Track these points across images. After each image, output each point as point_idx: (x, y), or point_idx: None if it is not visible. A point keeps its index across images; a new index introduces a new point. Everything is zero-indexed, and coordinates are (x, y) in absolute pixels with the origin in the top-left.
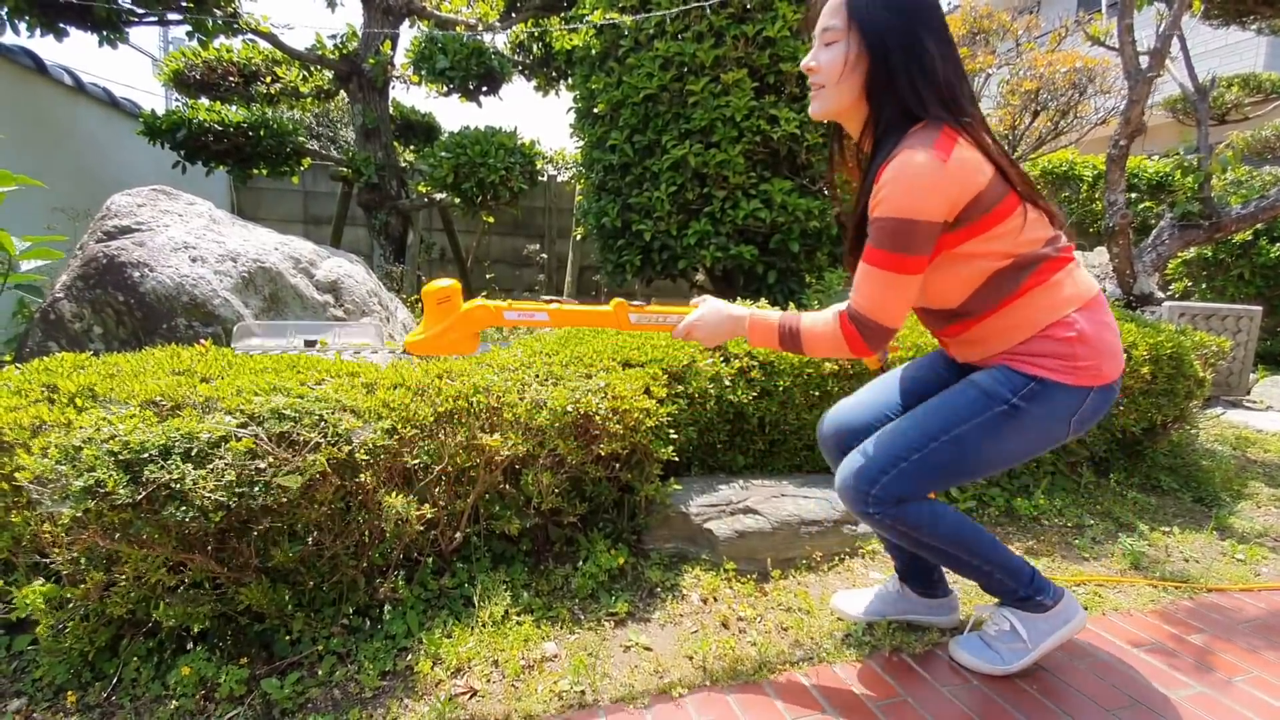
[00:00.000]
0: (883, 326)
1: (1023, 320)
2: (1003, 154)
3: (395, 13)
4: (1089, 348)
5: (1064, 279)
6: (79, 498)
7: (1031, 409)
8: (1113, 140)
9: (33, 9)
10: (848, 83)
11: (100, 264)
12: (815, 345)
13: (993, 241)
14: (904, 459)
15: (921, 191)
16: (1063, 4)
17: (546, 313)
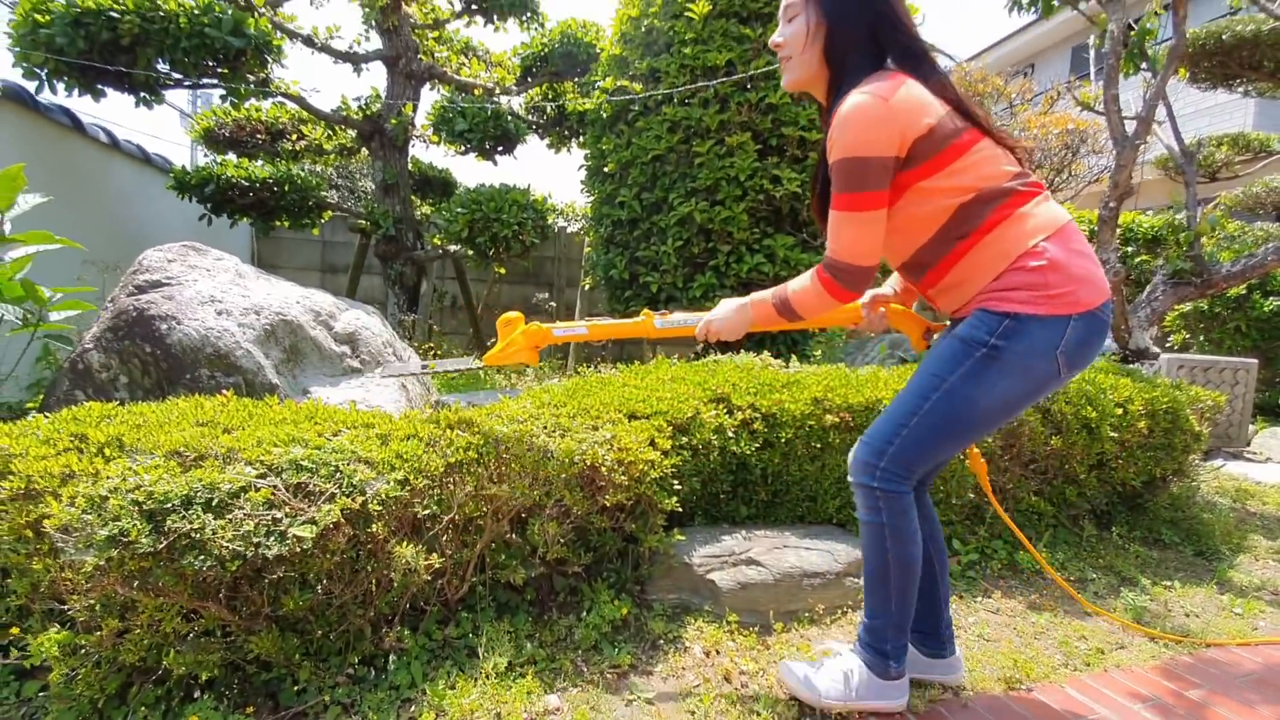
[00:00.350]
0: (856, 266)
1: (994, 254)
2: (966, 97)
3: (418, 77)
4: (1061, 274)
5: (1031, 210)
6: (103, 546)
7: (1012, 346)
8: (1103, 202)
9: (72, 71)
10: (811, 50)
11: (130, 316)
12: (804, 305)
13: (955, 176)
14: (904, 424)
15: (866, 128)
16: (1056, 67)
17: (586, 327)
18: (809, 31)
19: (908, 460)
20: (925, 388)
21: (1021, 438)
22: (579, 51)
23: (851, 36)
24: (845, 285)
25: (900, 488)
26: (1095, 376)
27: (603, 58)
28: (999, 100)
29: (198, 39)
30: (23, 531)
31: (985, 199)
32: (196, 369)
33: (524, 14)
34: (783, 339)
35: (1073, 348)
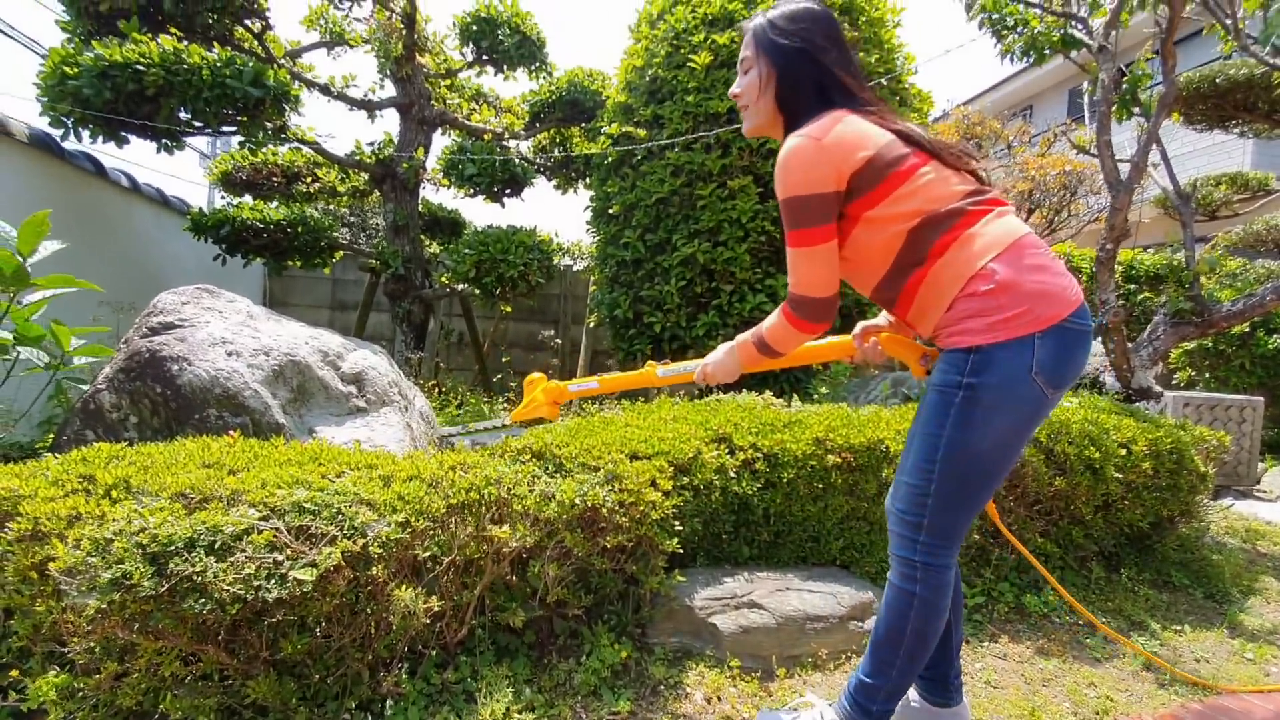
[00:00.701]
0: (813, 299)
1: (947, 279)
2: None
3: (430, 123)
4: (1012, 294)
5: (979, 230)
6: (105, 589)
7: (986, 381)
8: (1100, 244)
9: (97, 120)
10: (764, 98)
11: (143, 358)
12: (777, 340)
13: (900, 202)
14: (925, 494)
15: (801, 168)
16: (1053, 109)
17: (597, 382)
18: (761, 82)
19: (944, 529)
20: (928, 450)
21: (1025, 478)
22: (585, 99)
23: (798, 84)
24: (808, 317)
25: (943, 560)
26: (1098, 417)
27: (608, 104)
28: (997, 142)
29: (219, 89)
30: (28, 573)
31: (933, 223)
32: (205, 409)
33: (533, 64)
34: (785, 378)
35: (1048, 366)
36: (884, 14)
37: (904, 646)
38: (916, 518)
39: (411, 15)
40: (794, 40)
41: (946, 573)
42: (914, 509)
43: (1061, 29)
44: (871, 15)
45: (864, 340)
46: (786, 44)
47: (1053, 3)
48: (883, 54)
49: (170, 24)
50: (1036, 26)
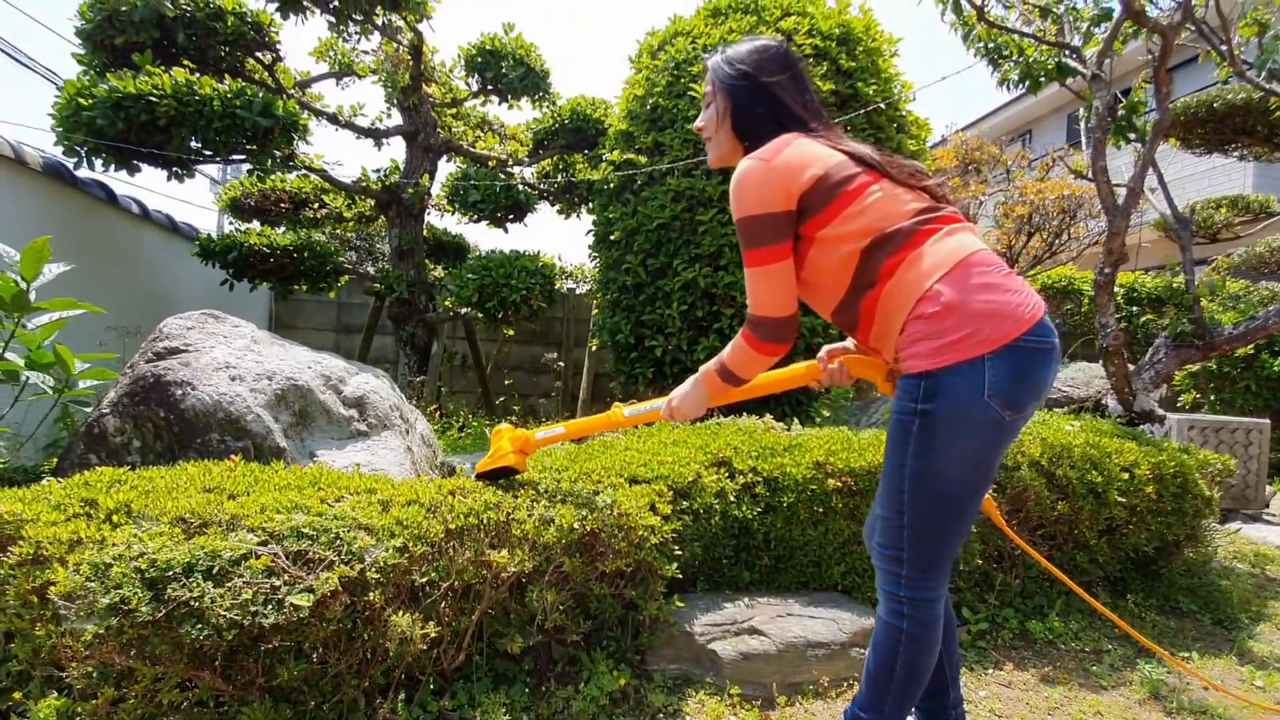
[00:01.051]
0: (772, 318)
1: (897, 302)
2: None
3: (435, 150)
4: (957, 316)
5: (927, 249)
6: (103, 615)
7: (939, 406)
8: (1098, 268)
9: (109, 150)
10: (724, 129)
11: (147, 382)
12: (738, 365)
13: (849, 221)
14: (901, 525)
15: (751, 189)
16: (1052, 133)
17: (564, 427)
18: (719, 114)
19: (925, 561)
20: (895, 481)
21: (1027, 502)
22: (588, 126)
23: (752, 114)
24: (765, 338)
25: (929, 593)
26: (1100, 440)
27: (610, 132)
28: (996, 167)
29: (229, 119)
30: (29, 597)
31: (882, 243)
32: (208, 433)
33: (536, 94)
34: (786, 401)
35: (1002, 388)
36: (880, 44)
37: (895, 682)
38: (896, 551)
39: (418, 47)
40: (747, 74)
41: (935, 606)
42: (892, 542)
43: (1056, 58)
44: (869, 45)
45: (829, 362)
46: (739, 78)
47: (1047, 33)
48: (880, 83)
49: (184, 56)
50: (1031, 55)
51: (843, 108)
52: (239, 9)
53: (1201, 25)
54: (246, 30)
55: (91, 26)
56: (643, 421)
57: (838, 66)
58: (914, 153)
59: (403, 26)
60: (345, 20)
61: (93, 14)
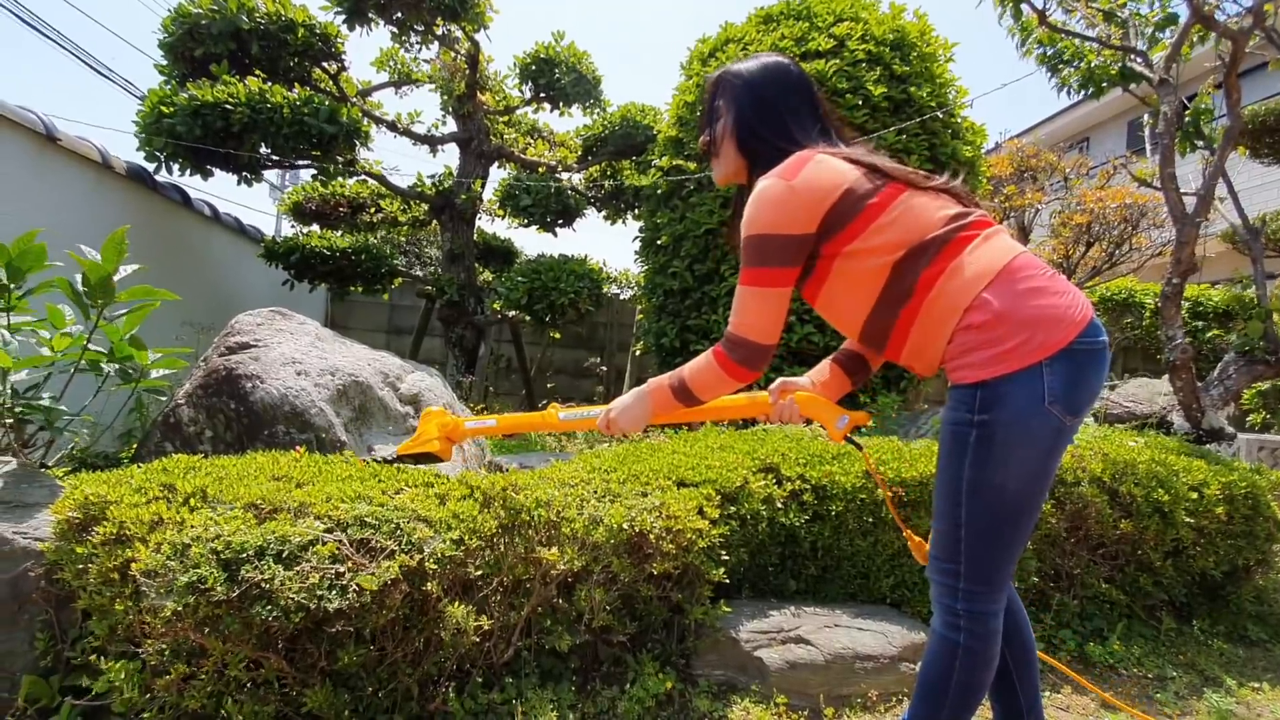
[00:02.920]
0: (754, 343)
1: (940, 313)
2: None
3: (487, 156)
4: (1009, 324)
5: (966, 259)
6: (181, 593)
7: (997, 416)
8: (1165, 279)
9: (187, 155)
10: (728, 146)
11: (220, 375)
12: (700, 385)
13: (880, 234)
14: (958, 538)
15: (770, 208)
16: (1112, 140)
17: (495, 420)
18: (724, 130)
19: (984, 574)
20: (952, 493)
21: (1088, 519)
22: (637, 133)
23: (756, 130)
24: (741, 362)
25: (988, 605)
26: (1167, 458)
27: (659, 138)
28: (1053, 175)
29: (298, 126)
30: (110, 575)
31: (917, 253)
32: (274, 425)
33: (588, 101)
34: None
35: (1061, 394)
36: (935, 49)
37: (950, 697)
38: (953, 564)
39: (475, 56)
40: (755, 89)
41: (993, 620)
42: (949, 555)
43: (1119, 62)
44: (923, 50)
45: (780, 397)
46: (746, 93)
47: (1110, 37)
48: (934, 88)
49: (256, 67)
50: (1093, 60)
51: (896, 113)
52: (309, 21)
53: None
54: (315, 41)
55: (173, 39)
56: (575, 427)
57: (891, 72)
58: (969, 159)
59: (460, 36)
60: (407, 31)
61: (175, 27)
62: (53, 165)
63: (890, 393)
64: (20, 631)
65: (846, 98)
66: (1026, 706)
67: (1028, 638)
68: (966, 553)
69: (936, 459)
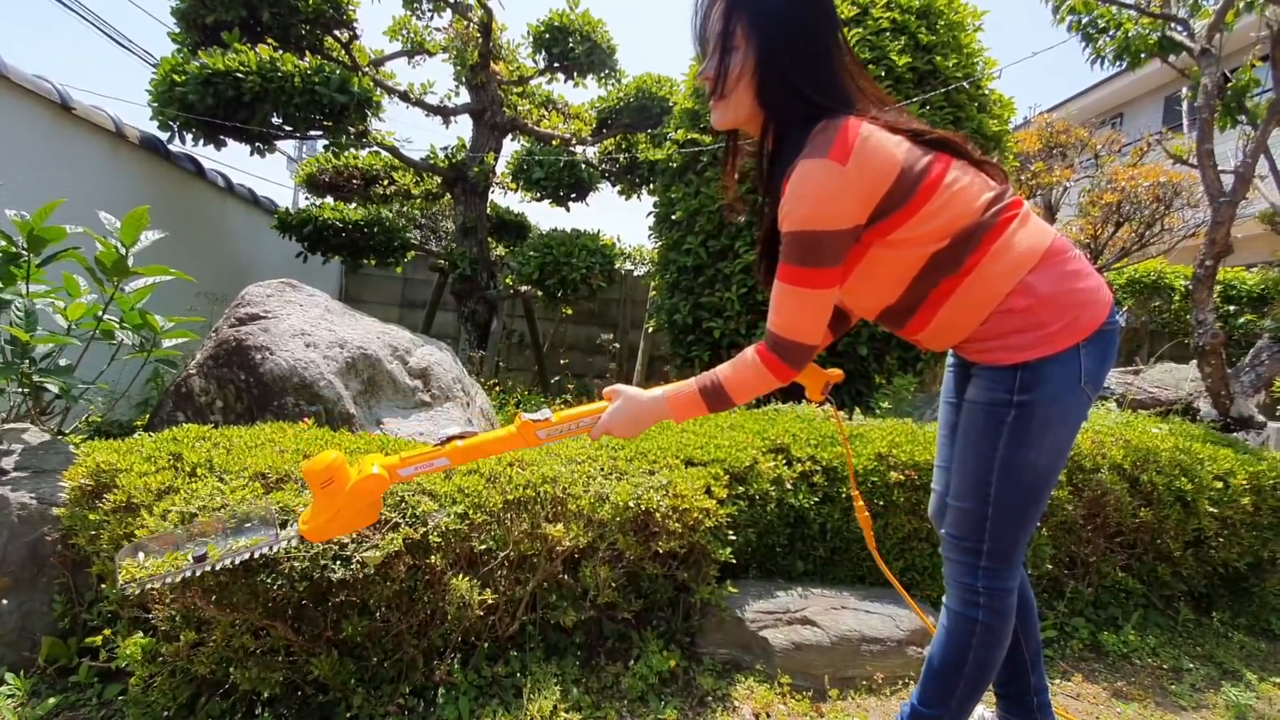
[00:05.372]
0: (802, 345)
1: (978, 298)
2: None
3: (501, 128)
4: (1054, 307)
5: (1007, 244)
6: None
7: (1038, 396)
8: (1198, 260)
9: (199, 124)
10: (744, 91)
11: (230, 346)
12: (741, 389)
13: (927, 221)
14: (984, 516)
15: (824, 201)
16: (1147, 116)
17: (446, 456)
18: (739, 70)
19: (1006, 550)
20: (981, 470)
21: (1106, 507)
22: (653, 105)
23: (792, 79)
24: (789, 363)
25: (1007, 583)
26: (1191, 446)
27: (675, 111)
28: (1084, 151)
29: (309, 95)
30: (121, 541)
31: (960, 241)
32: (284, 397)
33: (602, 71)
34: (847, 390)
35: (1092, 373)
36: (964, 17)
37: (964, 676)
38: (976, 542)
39: (488, 24)
40: (787, 18)
41: (1011, 596)
42: (973, 533)
43: (1159, 31)
44: (950, 19)
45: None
46: (774, 22)
47: (1150, 4)
48: (961, 58)
49: (267, 34)
50: (1131, 29)
51: (920, 84)
52: None
53: None
54: (326, 8)
55: (185, 6)
56: (559, 440)
57: (916, 41)
58: (996, 133)
59: (474, 4)
60: None
61: None
62: (68, 134)
63: (906, 374)
64: (40, 593)
65: (869, 68)
66: (1030, 661)
67: (1027, 593)
68: (992, 530)
69: (959, 437)
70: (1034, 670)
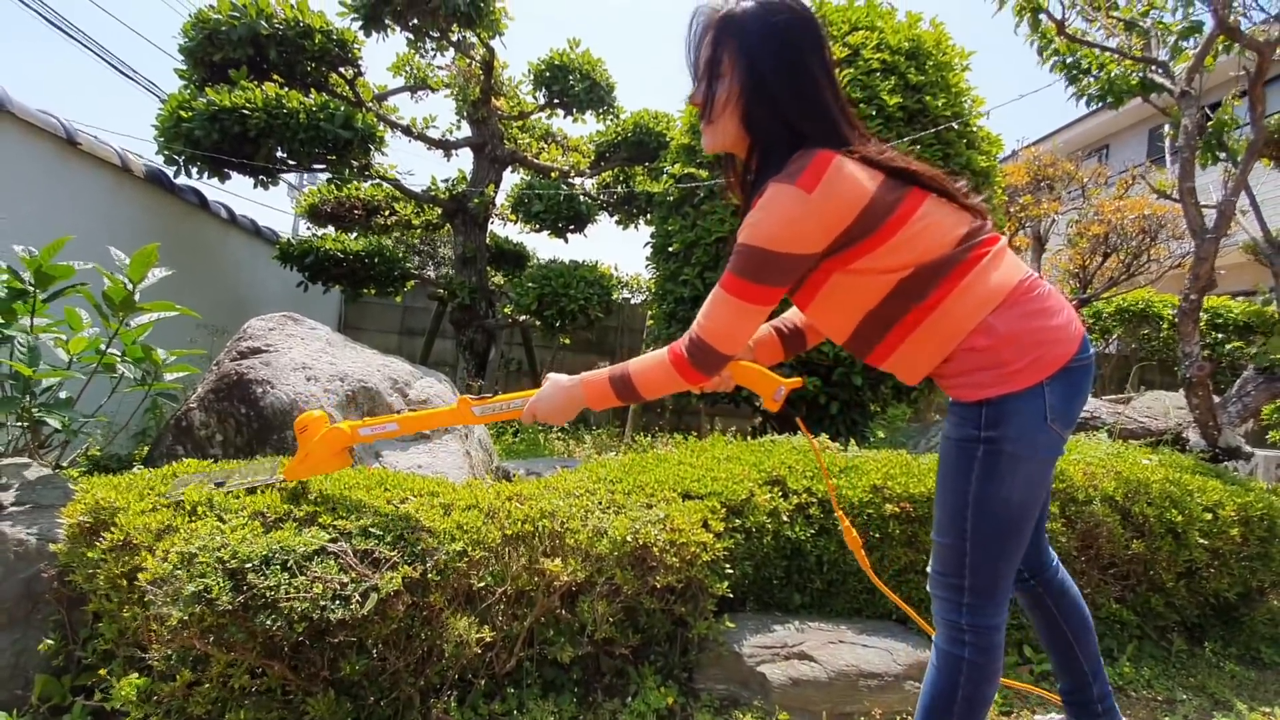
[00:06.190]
0: (719, 352)
1: (941, 335)
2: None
3: (501, 161)
4: (1015, 347)
5: (974, 281)
6: (188, 601)
7: (1005, 432)
8: (1183, 294)
9: (204, 158)
10: (730, 116)
11: (231, 379)
12: (647, 383)
13: (893, 253)
14: (963, 552)
15: (784, 224)
16: (1132, 148)
17: (396, 422)
18: (726, 97)
19: (988, 586)
20: (957, 506)
21: (1099, 539)
22: (650, 140)
23: (781, 108)
24: (699, 367)
25: (992, 619)
26: (1181, 477)
27: (672, 145)
28: (1070, 184)
29: (314, 131)
30: (118, 580)
31: (926, 273)
32: (283, 430)
33: (601, 108)
34: (842, 420)
35: (1059, 410)
36: (951, 58)
37: (955, 714)
38: (958, 579)
39: (490, 62)
40: (776, 45)
41: (997, 633)
42: (954, 569)
43: (1140, 73)
44: (939, 59)
45: None
46: (763, 48)
47: (1132, 47)
48: (950, 97)
49: (273, 71)
50: (1114, 70)
51: (910, 123)
52: (326, 27)
53: None
54: (332, 47)
55: (193, 44)
56: (494, 420)
57: (906, 81)
58: (985, 169)
59: (476, 43)
60: (423, 37)
61: (195, 32)
62: (73, 168)
63: (900, 403)
64: (34, 630)
65: (860, 108)
66: (1091, 673)
67: (1083, 608)
68: (971, 566)
69: (937, 472)
70: (1096, 680)
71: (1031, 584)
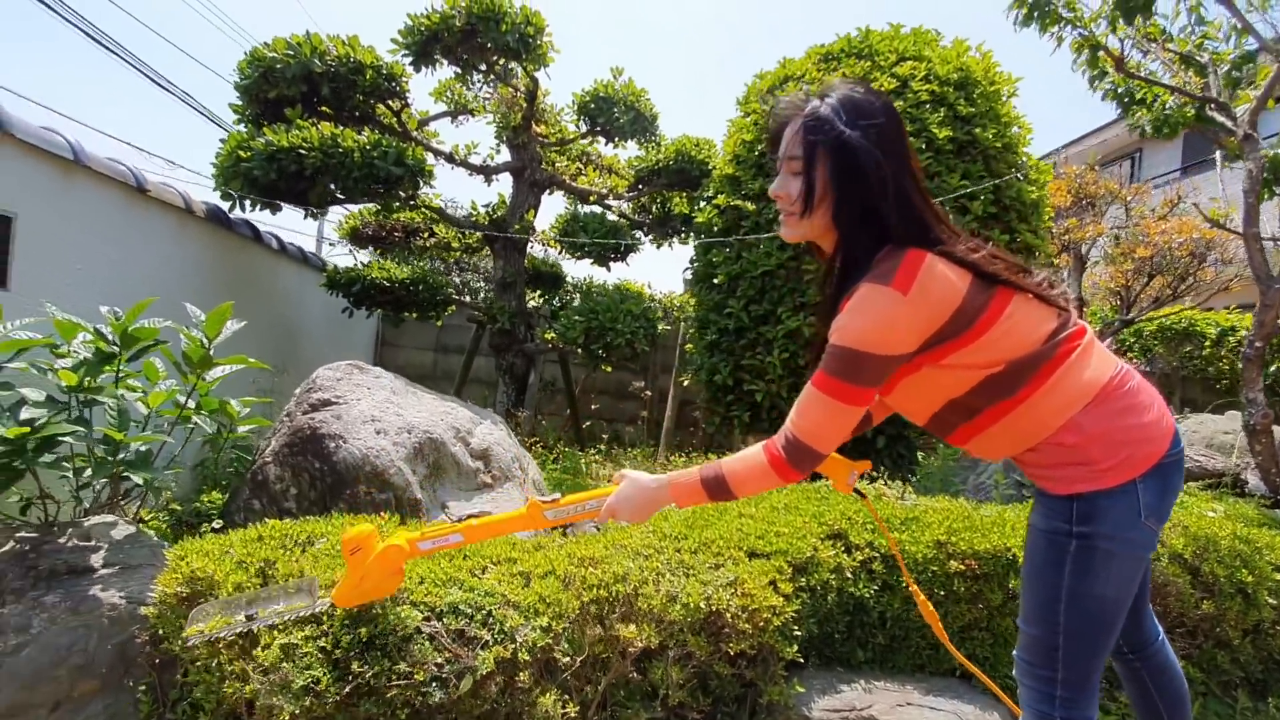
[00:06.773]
0: (814, 451)
1: (1027, 429)
2: (981, 252)
3: (540, 185)
4: (1104, 446)
5: (1063, 378)
6: (298, 695)
7: (1097, 529)
8: (1248, 341)
9: (261, 195)
10: (820, 215)
11: (305, 434)
12: (743, 483)
13: (982, 351)
14: (1055, 646)
15: (879, 326)
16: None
17: (460, 533)
18: (818, 193)
19: (1081, 680)
20: (1049, 599)
21: (1169, 598)
22: (691, 168)
23: (880, 207)
24: (796, 466)
25: (1086, 712)
26: (1249, 533)
27: (715, 174)
28: (1113, 202)
29: (368, 169)
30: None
31: (1015, 369)
32: (355, 485)
33: (644, 137)
34: (888, 453)
35: (1154, 506)
36: (999, 86)
37: None
38: (1048, 670)
39: (533, 92)
40: (863, 148)
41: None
42: (1044, 662)
43: (1196, 106)
44: (987, 89)
45: None
46: (862, 145)
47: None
48: (999, 128)
49: (324, 105)
50: (1169, 101)
51: (959, 154)
52: (377, 63)
53: None
54: (382, 82)
55: (249, 82)
56: (566, 522)
57: (955, 112)
58: (1035, 200)
59: (521, 74)
60: (470, 70)
61: (250, 70)
62: (141, 213)
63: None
64: (125, 694)
65: (910, 140)
66: None
67: (1181, 686)
68: (1065, 660)
69: (1024, 560)
70: None
71: (1131, 658)
